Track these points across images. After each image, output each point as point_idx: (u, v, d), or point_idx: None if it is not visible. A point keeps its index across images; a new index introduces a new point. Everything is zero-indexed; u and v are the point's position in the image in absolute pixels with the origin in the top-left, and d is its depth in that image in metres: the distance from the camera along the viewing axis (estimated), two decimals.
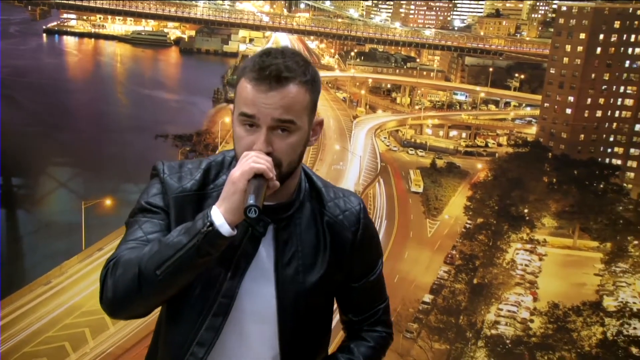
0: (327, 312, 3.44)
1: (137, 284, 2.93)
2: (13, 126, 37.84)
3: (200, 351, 3.25)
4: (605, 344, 34.67)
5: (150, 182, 3.38)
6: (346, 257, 3.29)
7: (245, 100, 3.06)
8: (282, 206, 3.25)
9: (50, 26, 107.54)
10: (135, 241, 3.12)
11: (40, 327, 26.05)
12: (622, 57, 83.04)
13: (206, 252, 2.92)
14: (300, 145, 3.15)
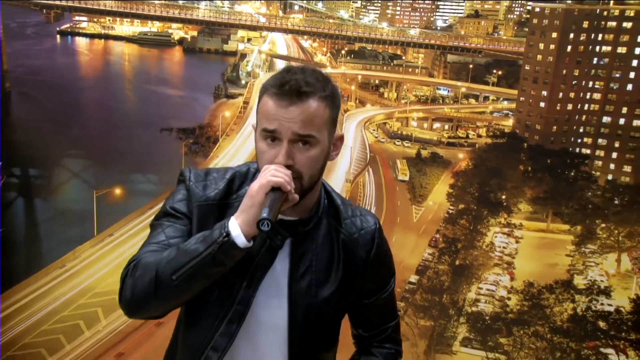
0: (336, 326, 3.37)
1: (153, 287, 2.90)
2: (29, 122, 37.95)
3: (214, 355, 3.21)
4: (576, 318, 34.61)
5: (177, 187, 3.31)
6: (359, 275, 3.24)
7: (267, 115, 3.02)
8: (301, 222, 3.19)
9: (64, 28, 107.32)
10: (157, 244, 3.07)
11: (56, 307, 26.12)
12: (590, 55, 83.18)
13: (221, 262, 2.87)
14: (320, 159, 3.11)
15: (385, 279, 3.35)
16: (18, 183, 35.83)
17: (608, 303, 30.55)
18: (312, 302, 3.16)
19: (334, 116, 3.15)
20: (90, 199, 27.61)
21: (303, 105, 2.99)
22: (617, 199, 61.92)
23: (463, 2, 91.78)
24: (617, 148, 79.34)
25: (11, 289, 26.93)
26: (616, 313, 32.92)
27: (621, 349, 25.55)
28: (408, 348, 21.10)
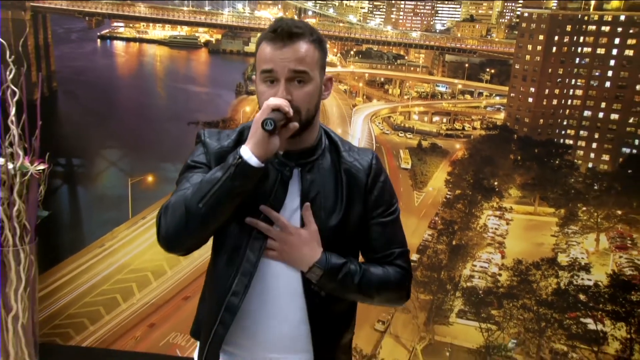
0: (349, 253, 3.22)
1: (184, 219, 2.90)
2: (73, 116, 37.75)
3: (234, 300, 3.10)
4: (559, 292, 34.44)
5: (195, 147, 3.28)
6: (361, 197, 3.20)
7: (264, 58, 3.04)
8: (306, 151, 3.18)
9: (103, 33, 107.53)
10: (183, 190, 3.02)
11: (97, 281, 26.10)
12: (573, 55, 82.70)
13: (240, 184, 2.85)
14: (315, 95, 3.09)
15: (386, 200, 3.29)
16: (62, 171, 35.91)
17: (587, 278, 30.66)
18: (322, 227, 3.12)
19: (322, 59, 3.16)
20: (126, 186, 27.55)
21: (294, 45, 3.02)
22: (596, 185, 61.93)
23: (459, 7, 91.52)
24: (596, 139, 79.18)
25: (57, 265, 26.86)
26: (594, 287, 32.82)
27: (599, 318, 25.60)
28: (409, 319, 21.14)
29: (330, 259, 3.10)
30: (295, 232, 3.08)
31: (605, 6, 28.91)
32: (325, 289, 3.16)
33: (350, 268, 3.13)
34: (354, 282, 3.12)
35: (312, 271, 3.09)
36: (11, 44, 5.61)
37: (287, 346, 3.21)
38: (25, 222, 5.75)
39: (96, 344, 18.44)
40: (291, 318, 3.18)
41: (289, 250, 3.08)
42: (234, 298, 3.11)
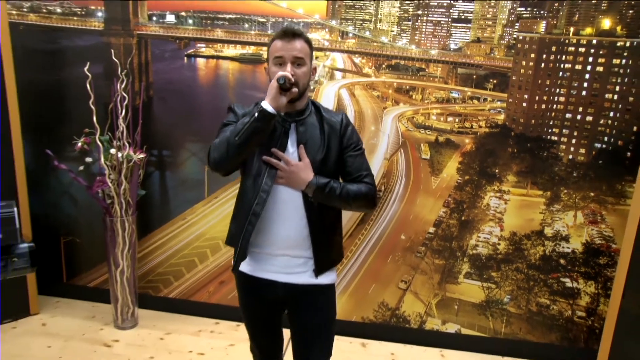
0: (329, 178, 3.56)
1: (225, 149, 3.32)
2: (164, 117, 37.91)
3: (253, 219, 3.51)
4: (544, 257, 33.87)
5: (227, 114, 3.70)
6: (337, 139, 3.58)
7: (277, 49, 3.44)
8: (299, 112, 3.55)
9: (189, 52, 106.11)
10: (222, 134, 3.46)
11: (179, 247, 25.96)
12: (557, 70, 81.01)
13: (261, 124, 3.29)
14: (307, 74, 3.50)
15: (355, 140, 3.63)
16: (155, 160, 35.39)
17: (567, 246, 29.88)
18: (313, 161, 3.50)
19: (311, 53, 3.54)
20: (203, 172, 27.10)
21: (296, 41, 3.41)
22: (575, 173, 60.55)
23: (469, 31, 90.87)
24: (575, 136, 77.53)
25: (150, 234, 26.87)
26: (572, 253, 32.15)
27: (574, 278, 25.01)
28: (426, 280, 20.81)
29: (319, 179, 3.47)
30: (295, 164, 3.47)
31: (581, 32, 29.10)
32: (317, 200, 3.50)
33: (333, 185, 3.50)
34: (336, 193, 3.50)
35: (308, 188, 3.46)
36: (122, 63, 5.70)
37: (293, 245, 3.56)
38: (129, 198, 5.85)
39: (179, 295, 18.07)
40: (295, 224, 3.54)
41: (291, 177, 3.48)
42: (257, 207, 3.49)
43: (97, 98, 5.55)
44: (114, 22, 5.88)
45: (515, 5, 5.38)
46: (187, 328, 6.15)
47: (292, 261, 3.59)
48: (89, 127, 5.60)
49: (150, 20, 5.90)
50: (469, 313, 5.95)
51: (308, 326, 3.71)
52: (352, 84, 5.85)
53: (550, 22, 5.31)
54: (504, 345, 5.88)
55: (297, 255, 3.58)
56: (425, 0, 5.51)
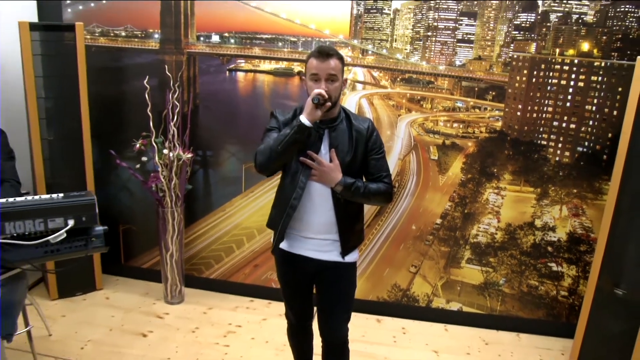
0: (355, 177, 3.67)
1: (269, 154, 3.42)
2: (208, 122, 37.74)
3: (291, 212, 3.65)
4: (534, 245, 33.54)
5: (270, 120, 3.74)
6: (364, 144, 3.64)
7: (313, 67, 3.49)
8: (332, 120, 3.62)
9: (231, 67, 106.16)
10: (267, 141, 3.55)
11: (219, 235, 25.98)
12: (545, 84, 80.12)
13: (299, 135, 3.38)
14: (339, 89, 3.55)
15: (378, 146, 3.72)
16: (200, 159, 35.33)
17: (554, 236, 29.62)
18: (342, 162, 3.58)
19: (343, 68, 3.57)
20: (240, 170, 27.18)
21: (330, 60, 3.46)
22: (561, 172, 60.21)
23: (471, 50, 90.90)
24: (561, 141, 77.06)
25: (194, 223, 26.92)
26: (558, 241, 31.89)
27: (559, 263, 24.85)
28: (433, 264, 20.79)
29: (346, 179, 3.56)
30: (326, 165, 3.55)
31: (565, 53, 29.04)
32: (343, 196, 3.60)
33: (358, 183, 3.59)
34: (360, 191, 3.59)
35: (337, 186, 3.56)
36: (174, 76, 5.78)
37: (322, 230, 3.69)
38: (178, 192, 5.92)
39: (219, 276, 18.06)
40: (325, 213, 3.66)
41: (323, 175, 3.57)
42: (294, 200, 3.61)
43: (152, 106, 5.63)
44: (168, 42, 5.96)
45: (510, 29, 5.41)
46: (226, 304, 6.27)
47: (322, 243, 3.71)
48: (146, 131, 5.68)
49: (198, 40, 5.97)
50: (469, 293, 5.99)
51: (333, 295, 3.85)
52: (371, 95, 5.88)
53: (540, 44, 5.34)
54: (499, 321, 5.92)
55: (325, 238, 3.70)
56: (434, 24, 5.55)
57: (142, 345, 5.25)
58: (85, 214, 2.94)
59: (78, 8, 6.05)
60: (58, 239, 2.85)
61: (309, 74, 3.54)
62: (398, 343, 5.55)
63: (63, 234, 2.88)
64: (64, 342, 5.21)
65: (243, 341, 5.41)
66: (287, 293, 4.07)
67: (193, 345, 5.28)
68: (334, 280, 3.81)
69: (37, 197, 2.92)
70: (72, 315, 5.76)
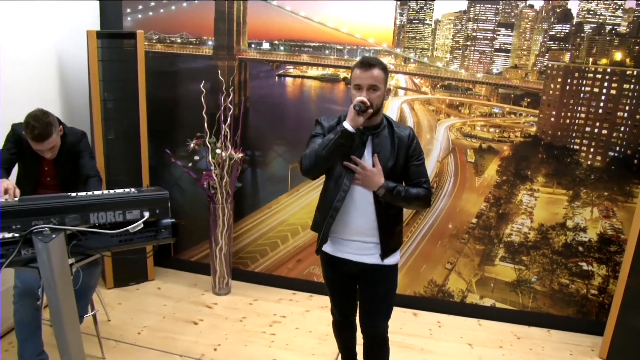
0: (396, 182, 3.64)
1: (314, 159, 3.44)
2: (258, 124, 37.62)
3: (334, 213, 3.64)
4: (566, 245, 33.25)
5: (315, 126, 3.75)
6: (405, 151, 3.61)
7: (356, 77, 3.50)
8: (374, 127, 3.61)
9: (280, 72, 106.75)
10: (312, 146, 3.56)
11: (265, 230, 26.13)
12: (578, 92, 79.20)
13: (343, 141, 3.38)
14: (381, 97, 3.53)
15: (418, 153, 3.67)
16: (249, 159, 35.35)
17: (585, 236, 29.39)
18: (384, 168, 3.57)
19: (386, 78, 3.54)
20: (286, 169, 27.22)
21: (372, 70, 3.44)
22: (592, 175, 59.61)
23: (508, 59, 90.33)
24: (593, 146, 76.23)
25: (242, 218, 27.11)
26: (588, 242, 31.56)
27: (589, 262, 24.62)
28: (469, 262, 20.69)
29: (388, 183, 3.53)
30: (370, 169, 3.53)
31: (598, 62, 28.60)
32: (385, 199, 3.58)
33: (400, 188, 3.56)
34: (401, 195, 3.56)
35: (379, 190, 3.54)
36: (226, 81, 5.83)
37: (364, 232, 3.67)
38: (228, 189, 5.96)
39: (264, 270, 18.09)
40: (367, 216, 3.64)
41: (366, 179, 3.54)
42: (337, 203, 3.61)
43: (203, 109, 5.70)
44: (221, 49, 6.00)
45: (545, 39, 5.38)
46: (270, 296, 6.33)
47: (363, 245, 3.70)
48: (197, 132, 5.75)
49: (250, 47, 6.01)
50: (502, 290, 5.96)
51: (374, 296, 3.83)
52: (412, 100, 5.88)
53: (574, 53, 5.30)
54: (531, 317, 5.88)
55: (366, 240, 3.68)
56: (473, 34, 5.53)
57: (193, 331, 5.33)
58: (159, 207, 3.06)
59: (137, 17, 6.13)
60: (136, 228, 2.98)
61: (353, 83, 3.53)
62: (434, 335, 5.56)
63: (140, 225, 2.99)
64: (122, 328, 5.31)
65: (288, 330, 5.46)
66: (331, 291, 4.09)
67: (241, 333, 5.34)
68: (375, 282, 3.80)
69: (112, 191, 3.05)
70: (127, 303, 5.86)
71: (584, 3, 5.23)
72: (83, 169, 4.36)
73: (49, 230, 2.79)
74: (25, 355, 4.18)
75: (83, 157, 4.40)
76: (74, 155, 4.39)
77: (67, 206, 2.88)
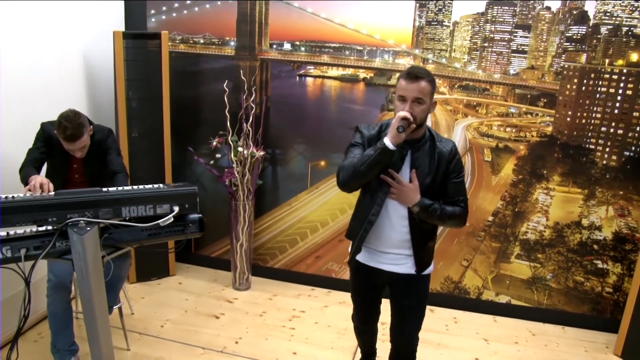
0: (433, 198, 3.58)
1: (351, 173, 3.39)
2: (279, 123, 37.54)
3: (369, 227, 3.61)
4: (581, 243, 32.96)
5: (354, 134, 3.67)
6: (444, 167, 3.53)
7: (401, 88, 3.38)
8: (416, 141, 3.52)
9: (300, 72, 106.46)
10: (351, 158, 3.48)
11: (285, 227, 26.19)
12: (594, 92, 78.12)
13: (382, 158, 3.33)
14: (425, 111, 3.43)
15: (458, 170, 3.60)
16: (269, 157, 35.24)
17: (600, 234, 29.31)
18: (422, 184, 3.50)
19: (432, 91, 3.46)
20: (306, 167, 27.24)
21: (418, 83, 3.34)
22: (607, 175, 59.02)
23: (525, 60, 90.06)
24: (608, 145, 75.43)
25: (262, 215, 27.16)
26: (603, 240, 31.37)
27: (604, 260, 24.53)
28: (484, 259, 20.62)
29: (424, 201, 3.48)
30: (406, 185, 3.48)
31: (614, 63, 28.38)
32: (419, 217, 3.53)
33: (435, 206, 3.50)
34: (437, 213, 3.50)
35: (414, 207, 3.49)
36: (248, 80, 5.90)
37: (397, 245, 3.64)
38: (250, 186, 6.03)
39: (283, 266, 18.13)
40: (400, 230, 3.61)
41: (402, 195, 3.49)
42: (372, 216, 3.58)
43: (225, 107, 5.76)
44: (243, 49, 6.06)
45: (562, 41, 5.43)
46: (289, 292, 6.42)
47: (396, 257, 3.69)
48: (218, 130, 5.82)
49: (271, 48, 6.07)
50: (518, 287, 6.01)
51: (406, 307, 3.83)
52: None
53: (590, 54, 5.35)
54: (546, 314, 5.92)
55: (400, 253, 3.67)
56: (491, 35, 5.59)
57: (215, 325, 5.41)
58: (188, 202, 3.17)
59: (161, 18, 6.21)
60: (167, 222, 3.07)
61: (398, 94, 3.44)
62: (450, 331, 5.61)
63: (171, 218, 3.09)
64: (146, 321, 5.41)
65: (307, 325, 5.53)
66: (356, 299, 4.08)
67: (262, 327, 5.41)
68: (407, 292, 3.79)
69: (141, 186, 3.13)
70: (150, 297, 5.95)
71: (600, 5, 5.26)
72: (111, 165, 4.43)
73: (84, 223, 2.88)
74: (59, 346, 4.27)
75: (110, 153, 4.47)
76: (102, 152, 4.46)
77: (101, 200, 2.96)
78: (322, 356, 4.98)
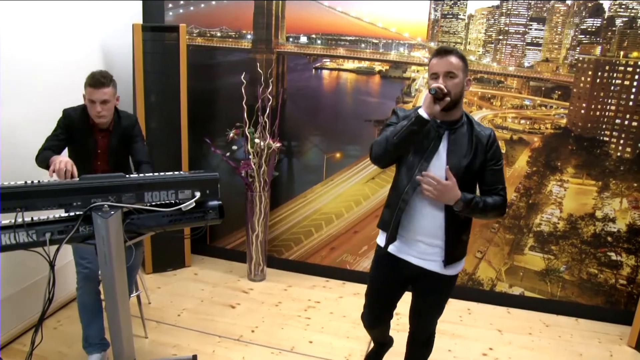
0: (472, 186, 3.56)
1: (384, 145, 3.35)
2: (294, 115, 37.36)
3: (403, 205, 3.54)
4: (595, 235, 32.70)
5: (391, 115, 3.66)
6: (482, 152, 3.48)
7: (432, 67, 3.38)
8: (453, 122, 3.48)
9: (317, 65, 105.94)
10: (384, 133, 3.41)
11: (300, 219, 26.12)
12: (609, 85, 77.68)
13: (416, 128, 3.28)
14: (459, 86, 3.41)
15: (497, 156, 3.59)
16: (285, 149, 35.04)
17: (614, 226, 29.14)
18: (459, 166, 3.42)
19: (465, 66, 3.47)
20: (322, 159, 27.18)
21: (448, 57, 3.35)
22: (622, 167, 58.43)
23: (540, 52, 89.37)
24: (623, 137, 74.71)
25: (277, 207, 27.12)
26: (617, 232, 31.18)
27: (618, 252, 24.40)
28: (498, 251, 20.59)
29: (465, 195, 3.39)
30: (444, 184, 3.35)
31: (629, 55, 28.18)
32: (463, 214, 3.46)
33: (477, 199, 3.43)
34: (479, 206, 3.43)
35: (457, 204, 3.38)
36: (264, 73, 5.94)
37: (430, 234, 3.54)
38: (266, 178, 6.07)
39: (298, 258, 18.15)
40: (434, 216, 3.52)
41: (442, 195, 3.37)
42: (406, 195, 3.50)
43: (242, 100, 5.80)
44: (260, 42, 6.09)
45: (577, 33, 5.44)
46: (304, 283, 6.46)
47: (427, 248, 3.60)
48: (234, 122, 5.86)
49: (288, 41, 6.10)
50: (531, 279, 6.02)
51: (429, 303, 3.79)
52: None
53: (605, 47, 5.35)
54: (559, 306, 5.94)
55: (431, 243, 3.58)
56: (505, 28, 5.60)
57: (231, 314, 5.47)
58: (209, 188, 3.19)
59: (179, 11, 6.25)
60: (189, 207, 3.11)
61: (430, 72, 3.44)
62: (464, 322, 5.63)
63: (192, 203, 3.12)
64: (162, 310, 5.47)
65: (322, 315, 5.58)
66: (372, 294, 3.99)
67: (278, 317, 5.47)
68: (432, 290, 3.75)
69: (162, 173, 3.19)
70: (166, 287, 6.01)
71: None
72: (137, 153, 4.45)
73: (108, 207, 2.93)
74: (90, 340, 4.28)
75: (136, 141, 4.48)
76: (127, 139, 4.46)
77: (124, 185, 3.01)
78: (338, 345, 5.02)
